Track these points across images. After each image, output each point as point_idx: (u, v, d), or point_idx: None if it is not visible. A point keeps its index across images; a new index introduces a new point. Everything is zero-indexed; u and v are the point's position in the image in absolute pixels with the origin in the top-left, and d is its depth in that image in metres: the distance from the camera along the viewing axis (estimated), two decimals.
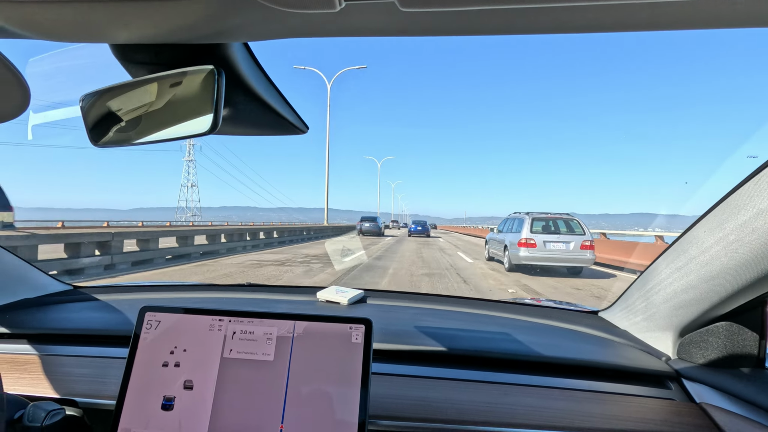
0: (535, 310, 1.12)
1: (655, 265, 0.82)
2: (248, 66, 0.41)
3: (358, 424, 0.54)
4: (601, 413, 0.66)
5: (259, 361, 0.58)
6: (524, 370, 0.77)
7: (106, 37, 0.34)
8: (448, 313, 1.05)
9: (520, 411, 0.66)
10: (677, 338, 0.79)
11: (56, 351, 0.82)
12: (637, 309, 0.90)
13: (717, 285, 0.66)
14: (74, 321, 0.92)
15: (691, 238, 0.70)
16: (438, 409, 0.65)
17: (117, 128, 0.40)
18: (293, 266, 9.28)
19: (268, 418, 0.55)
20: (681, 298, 0.74)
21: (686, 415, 0.66)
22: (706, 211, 0.67)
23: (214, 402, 0.56)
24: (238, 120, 0.50)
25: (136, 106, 0.39)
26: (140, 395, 0.57)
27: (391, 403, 0.66)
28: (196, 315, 0.62)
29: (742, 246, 0.60)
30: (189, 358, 0.59)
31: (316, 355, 0.58)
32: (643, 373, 0.77)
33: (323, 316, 0.60)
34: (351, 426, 0.54)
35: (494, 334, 0.88)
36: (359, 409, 0.54)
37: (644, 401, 0.71)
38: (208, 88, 0.35)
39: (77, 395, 0.67)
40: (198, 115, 0.35)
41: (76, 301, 1.07)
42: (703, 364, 0.74)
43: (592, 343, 0.88)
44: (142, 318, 0.62)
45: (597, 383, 0.75)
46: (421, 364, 0.77)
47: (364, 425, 0.53)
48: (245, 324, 0.61)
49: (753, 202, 0.58)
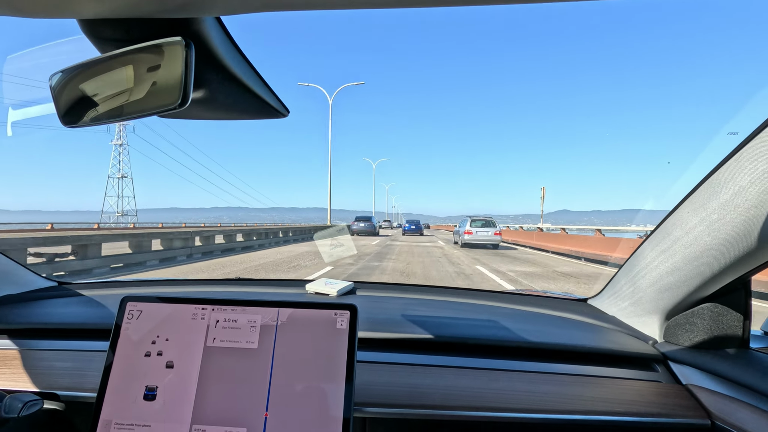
0: (525, 298, 1.12)
1: (641, 249, 0.82)
2: (222, 42, 0.40)
3: (343, 410, 0.53)
4: (588, 396, 0.67)
5: (243, 349, 0.58)
6: (512, 356, 0.77)
7: (74, 11, 0.33)
8: (437, 303, 1.05)
9: (507, 395, 0.66)
10: (663, 321, 0.80)
11: (37, 345, 0.80)
12: (625, 294, 0.90)
13: (701, 265, 0.66)
14: (56, 316, 0.90)
15: (675, 220, 0.71)
16: (425, 395, 0.65)
17: (87, 107, 0.39)
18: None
19: (253, 406, 0.55)
20: (666, 280, 0.74)
21: (672, 396, 0.67)
22: (690, 191, 0.67)
23: (197, 391, 0.56)
24: (215, 102, 0.49)
25: (105, 83, 0.38)
26: (122, 386, 0.56)
27: (378, 390, 0.66)
28: (178, 304, 0.61)
29: (725, 224, 0.60)
30: (171, 348, 0.58)
31: (301, 341, 0.58)
32: (630, 356, 0.77)
33: (308, 303, 0.60)
34: (336, 412, 0.53)
35: (482, 322, 0.88)
36: (344, 396, 0.54)
37: (631, 384, 0.71)
38: (178, 62, 0.34)
39: (58, 389, 0.66)
40: (167, 90, 0.35)
41: (60, 297, 1.05)
42: (689, 346, 0.74)
43: (580, 329, 0.88)
44: (124, 308, 0.61)
45: (584, 367, 0.75)
46: (409, 352, 0.77)
47: (349, 412, 0.53)
48: (229, 312, 0.60)
49: (734, 179, 0.58)
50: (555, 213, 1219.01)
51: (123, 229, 14.30)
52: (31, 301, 1.00)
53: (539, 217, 29.58)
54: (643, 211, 75.42)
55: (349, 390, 0.54)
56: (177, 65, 0.34)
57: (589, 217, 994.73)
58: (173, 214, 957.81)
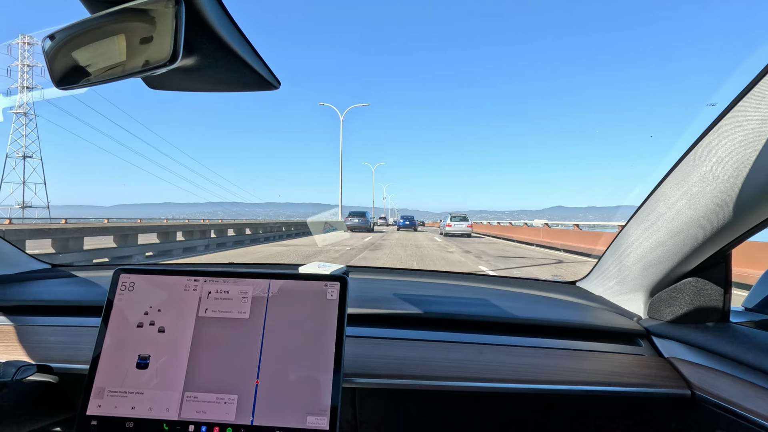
0: (514, 281, 1.14)
1: (627, 228, 0.84)
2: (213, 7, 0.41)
3: (332, 377, 0.54)
4: (572, 367, 0.68)
5: (234, 319, 0.59)
6: (500, 332, 0.79)
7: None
8: (428, 285, 1.06)
9: (493, 366, 0.67)
10: (648, 298, 0.82)
11: (32, 322, 0.81)
12: (611, 274, 0.92)
13: (683, 239, 0.68)
14: (51, 294, 0.91)
15: (659, 196, 0.72)
16: (413, 366, 0.66)
17: (80, 68, 0.40)
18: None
19: (244, 374, 0.56)
20: (650, 256, 0.76)
21: (654, 368, 0.69)
22: (672, 166, 0.68)
23: (189, 359, 0.57)
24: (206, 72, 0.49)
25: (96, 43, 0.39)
26: (115, 355, 0.57)
27: (368, 362, 0.67)
28: (170, 276, 0.62)
29: (705, 197, 0.62)
30: (164, 318, 0.59)
31: (292, 311, 0.59)
32: (614, 332, 0.79)
33: (298, 274, 0.61)
34: (326, 379, 0.54)
35: (472, 300, 0.90)
36: (333, 363, 0.55)
37: (614, 357, 0.73)
38: (167, 18, 0.35)
39: (52, 361, 0.67)
40: (157, 47, 0.35)
41: (54, 278, 1.05)
42: (672, 321, 0.76)
43: (567, 307, 0.90)
44: (117, 279, 0.61)
45: (569, 342, 0.77)
46: (400, 328, 0.78)
47: (338, 379, 0.54)
48: (221, 284, 0.61)
49: (713, 151, 0.59)
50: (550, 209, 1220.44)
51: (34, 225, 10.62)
52: (26, 281, 1.01)
53: (534, 213, 33.81)
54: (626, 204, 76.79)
55: (338, 358, 0.55)
56: (167, 22, 0.34)
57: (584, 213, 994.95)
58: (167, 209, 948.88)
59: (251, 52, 0.49)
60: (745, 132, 0.54)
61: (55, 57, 0.41)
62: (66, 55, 0.40)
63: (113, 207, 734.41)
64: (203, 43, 0.43)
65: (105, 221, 13.84)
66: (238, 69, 0.49)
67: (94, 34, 0.38)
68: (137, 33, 0.36)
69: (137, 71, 0.37)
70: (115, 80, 0.38)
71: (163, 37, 0.35)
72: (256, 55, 0.50)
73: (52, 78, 0.42)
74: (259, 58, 0.51)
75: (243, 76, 0.51)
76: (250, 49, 0.49)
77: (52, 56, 0.41)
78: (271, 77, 0.53)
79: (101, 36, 0.38)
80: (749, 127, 0.54)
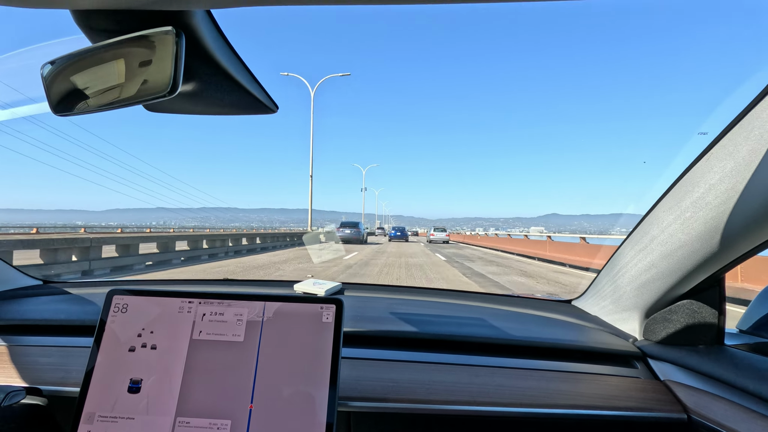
0: (510, 300, 1.13)
1: (621, 249, 0.84)
2: (212, 36, 0.41)
3: (327, 401, 0.54)
4: (568, 391, 0.68)
5: (228, 342, 0.58)
6: (495, 353, 0.78)
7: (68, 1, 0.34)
8: (423, 303, 1.06)
9: (489, 390, 0.67)
10: (643, 319, 0.82)
11: (22, 342, 0.80)
12: (606, 294, 0.92)
13: (676, 261, 0.69)
14: (41, 312, 0.89)
15: (652, 219, 0.73)
16: (409, 390, 0.66)
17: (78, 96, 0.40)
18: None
19: (238, 398, 0.55)
20: (644, 277, 0.77)
21: (650, 391, 0.69)
22: (666, 190, 0.70)
23: (182, 383, 0.56)
24: (205, 96, 0.49)
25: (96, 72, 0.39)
26: (106, 379, 0.56)
27: (363, 385, 0.67)
28: (164, 297, 0.61)
29: (697, 221, 0.63)
30: (157, 341, 0.58)
31: (287, 334, 0.58)
32: (610, 353, 0.79)
33: (294, 297, 0.60)
34: (321, 403, 0.54)
35: (466, 320, 0.90)
36: (329, 387, 0.54)
37: (610, 380, 0.73)
38: (168, 50, 0.35)
39: (42, 383, 0.65)
40: (157, 78, 0.36)
41: (45, 295, 1.03)
42: (667, 343, 0.76)
43: (562, 327, 0.90)
44: (110, 301, 0.61)
45: (565, 364, 0.77)
46: (394, 349, 0.78)
47: (334, 403, 0.54)
48: (215, 306, 0.60)
49: (705, 178, 0.61)
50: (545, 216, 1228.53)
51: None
52: (16, 298, 0.99)
53: (530, 221, 35.48)
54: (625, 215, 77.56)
55: (333, 382, 0.55)
56: (167, 54, 0.35)
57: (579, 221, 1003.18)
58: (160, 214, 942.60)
59: (249, 77, 0.49)
60: (736, 161, 0.56)
61: (53, 83, 0.41)
62: (65, 83, 0.40)
63: (104, 212, 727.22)
64: (202, 69, 0.44)
65: (81, 231, 12.33)
66: (235, 93, 0.49)
67: (94, 62, 0.38)
68: (137, 65, 0.37)
69: (136, 101, 0.37)
70: (114, 108, 0.38)
71: (163, 68, 0.35)
72: (254, 80, 0.50)
73: (49, 103, 0.42)
74: (257, 82, 0.51)
75: (241, 100, 0.51)
76: (249, 75, 0.49)
77: (50, 82, 0.41)
78: (269, 101, 0.54)
79: (101, 66, 0.38)
80: (739, 156, 0.55)
